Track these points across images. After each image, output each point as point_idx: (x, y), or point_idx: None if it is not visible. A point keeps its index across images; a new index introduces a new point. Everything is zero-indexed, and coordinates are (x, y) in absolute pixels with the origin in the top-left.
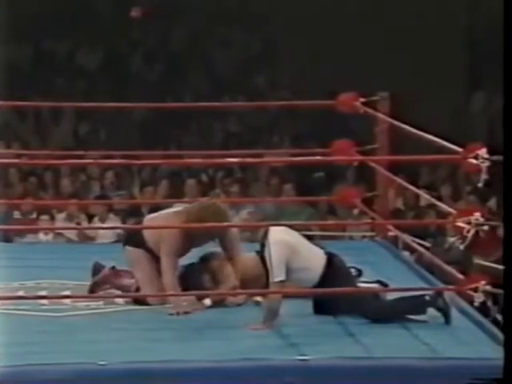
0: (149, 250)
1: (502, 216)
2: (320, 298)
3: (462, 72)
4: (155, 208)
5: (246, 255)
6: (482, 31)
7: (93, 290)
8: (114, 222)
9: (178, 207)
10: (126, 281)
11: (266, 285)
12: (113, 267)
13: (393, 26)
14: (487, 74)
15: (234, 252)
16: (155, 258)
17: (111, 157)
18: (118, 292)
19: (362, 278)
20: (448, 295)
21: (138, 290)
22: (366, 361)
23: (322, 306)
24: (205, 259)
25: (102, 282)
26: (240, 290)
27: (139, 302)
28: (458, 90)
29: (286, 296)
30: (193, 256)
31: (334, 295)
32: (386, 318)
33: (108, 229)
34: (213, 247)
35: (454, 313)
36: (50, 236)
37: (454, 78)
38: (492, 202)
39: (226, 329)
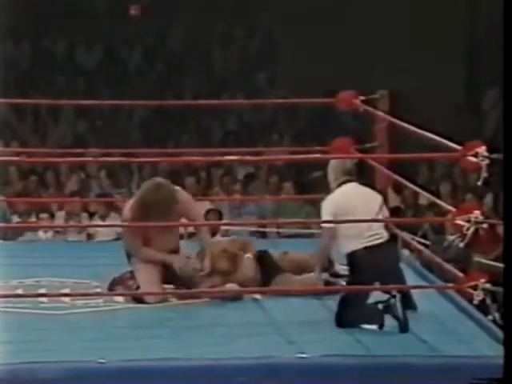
0: None
1: (498, 213)
2: None
3: (465, 71)
4: None
5: (245, 256)
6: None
7: (110, 288)
8: (114, 219)
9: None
10: (131, 281)
11: (263, 283)
12: (131, 271)
13: (393, 25)
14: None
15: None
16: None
17: (110, 155)
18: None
19: None
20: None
21: (137, 289)
22: (365, 359)
23: None
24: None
25: (117, 282)
26: (239, 288)
27: (138, 300)
28: (463, 89)
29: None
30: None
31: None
32: (340, 325)
33: (103, 226)
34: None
35: (453, 311)
36: (50, 234)
37: (456, 77)
38: (488, 199)
39: (224, 327)
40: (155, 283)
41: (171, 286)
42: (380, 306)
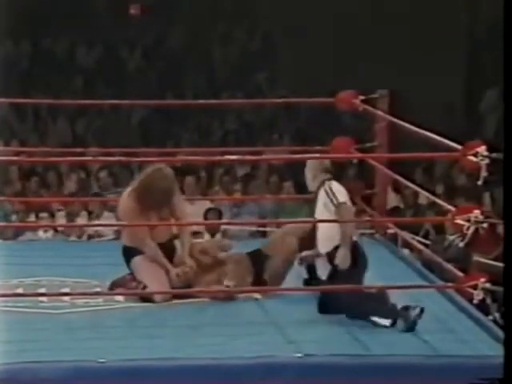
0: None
1: (496, 212)
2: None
3: (465, 71)
4: None
5: (237, 254)
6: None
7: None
8: (108, 219)
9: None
10: (133, 283)
11: (257, 282)
12: (131, 273)
13: (393, 25)
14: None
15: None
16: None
17: (110, 154)
18: None
19: None
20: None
21: (144, 289)
22: (364, 358)
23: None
24: None
25: (118, 284)
26: (236, 288)
27: (145, 299)
28: (463, 89)
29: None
30: None
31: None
32: (351, 312)
33: (104, 226)
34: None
35: (453, 310)
36: (50, 233)
37: (456, 77)
38: (486, 198)
39: (224, 326)
40: (163, 282)
41: None
42: (398, 306)
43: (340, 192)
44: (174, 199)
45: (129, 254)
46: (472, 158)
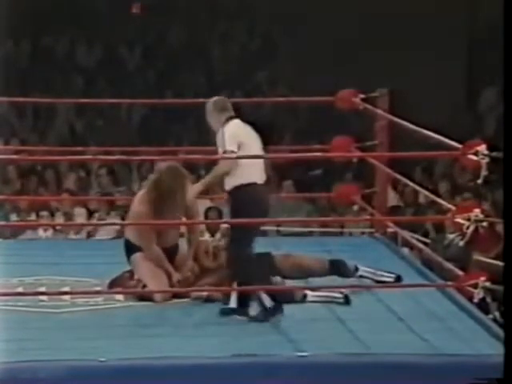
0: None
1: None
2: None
3: (465, 71)
4: None
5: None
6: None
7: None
8: (115, 218)
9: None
10: (132, 282)
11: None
12: (129, 271)
13: (393, 25)
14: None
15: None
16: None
17: (110, 153)
18: None
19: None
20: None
21: (144, 288)
22: (364, 357)
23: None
24: None
25: (117, 283)
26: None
27: (144, 298)
28: (462, 89)
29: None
30: None
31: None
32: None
33: (106, 225)
34: None
35: (453, 309)
36: (50, 232)
37: (456, 77)
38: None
39: (224, 325)
40: (163, 281)
41: None
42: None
43: (231, 137)
44: (186, 197)
45: (131, 249)
46: (472, 156)
